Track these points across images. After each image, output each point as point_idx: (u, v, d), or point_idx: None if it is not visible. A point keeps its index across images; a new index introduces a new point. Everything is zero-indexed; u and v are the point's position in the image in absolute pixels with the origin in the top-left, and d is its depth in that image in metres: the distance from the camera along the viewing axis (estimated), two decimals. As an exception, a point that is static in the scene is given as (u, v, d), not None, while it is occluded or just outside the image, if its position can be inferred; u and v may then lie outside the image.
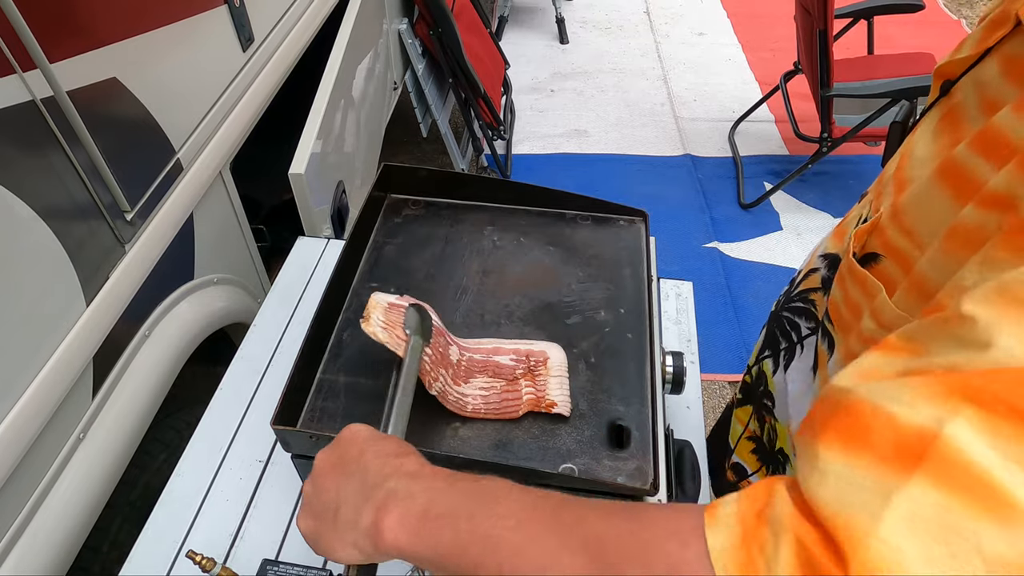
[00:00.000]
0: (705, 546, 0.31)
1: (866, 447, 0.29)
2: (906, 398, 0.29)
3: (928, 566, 0.26)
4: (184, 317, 1.19)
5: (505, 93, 3.12)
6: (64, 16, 0.89)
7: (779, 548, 0.29)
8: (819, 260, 0.66)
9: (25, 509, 0.87)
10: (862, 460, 0.29)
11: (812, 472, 0.31)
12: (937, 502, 0.26)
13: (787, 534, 0.29)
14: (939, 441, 0.27)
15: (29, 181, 0.83)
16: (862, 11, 2.65)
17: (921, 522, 0.26)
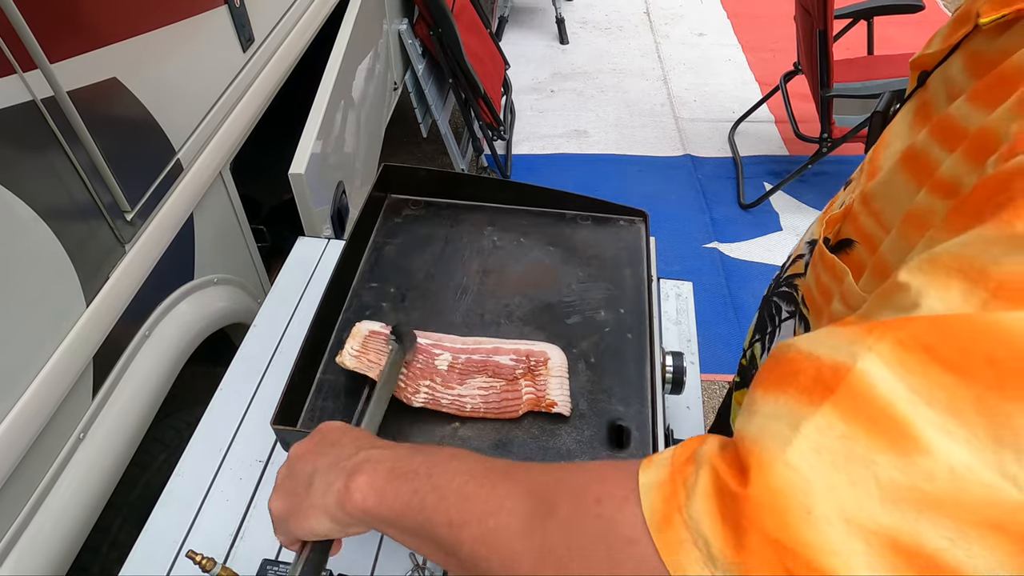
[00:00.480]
0: (635, 483, 0.33)
1: (791, 385, 0.31)
2: (831, 341, 0.30)
3: (827, 493, 0.27)
4: (184, 317, 1.19)
5: (505, 93, 3.12)
6: (64, 16, 0.89)
7: (698, 478, 0.31)
8: (805, 246, 0.67)
9: (25, 509, 0.87)
10: (784, 396, 0.30)
11: (744, 414, 0.32)
12: (843, 432, 0.27)
13: (706, 466, 0.31)
14: (851, 374, 0.28)
15: (29, 181, 0.83)
16: (862, 11, 2.66)
17: (826, 451, 0.27)
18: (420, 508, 0.42)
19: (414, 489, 0.43)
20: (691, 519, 0.30)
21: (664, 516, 0.31)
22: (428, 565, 0.76)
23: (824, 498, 0.27)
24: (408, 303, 0.87)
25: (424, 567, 0.75)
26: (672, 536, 0.30)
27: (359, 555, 0.77)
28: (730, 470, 0.30)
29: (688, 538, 0.29)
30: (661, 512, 0.31)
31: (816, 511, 0.27)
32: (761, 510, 0.28)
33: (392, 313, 0.85)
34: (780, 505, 0.27)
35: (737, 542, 0.28)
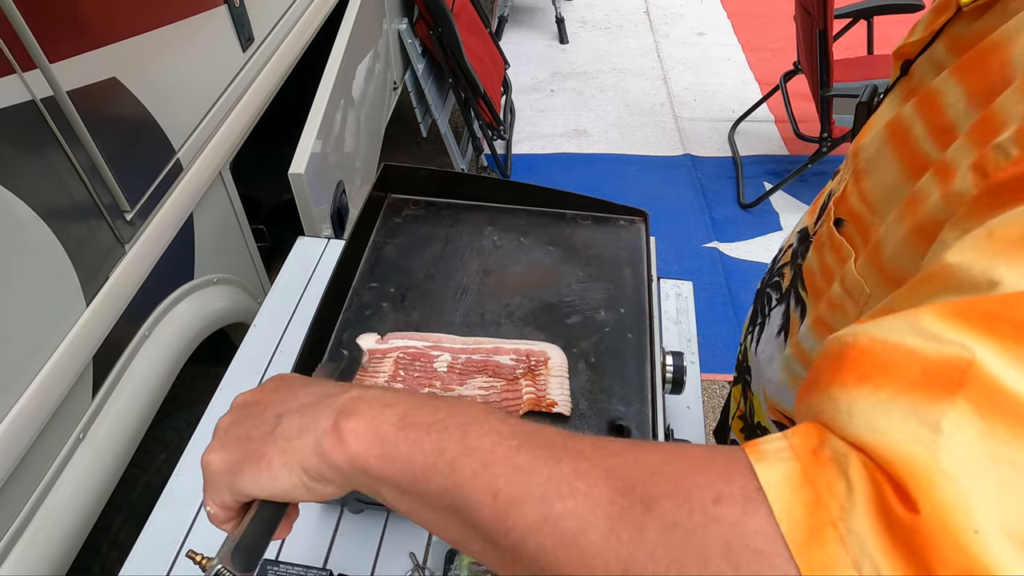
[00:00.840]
0: (754, 480, 0.26)
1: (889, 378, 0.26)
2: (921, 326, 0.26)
3: (984, 503, 0.23)
4: (184, 317, 1.19)
5: (505, 93, 3.12)
6: (64, 16, 0.89)
7: (852, 484, 0.25)
8: (795, 236, 0.67)
9: (25, 509, 0.87)
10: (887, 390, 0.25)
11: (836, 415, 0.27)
12: (983, 430, 0.23)
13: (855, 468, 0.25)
14: (973, 367, 0.24)
15: (29, 181, 0.83)
16: (862, 11, 2.66)
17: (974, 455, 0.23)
18: (449, 471, 0.32)
19: (440, 446, 0.33)
20: (852, 535, 0.24)
21: (812, 530, 0.25)
22: (429, 565, 0.76)
23: (986, 513, 0.22)
24: (408, 303, 0.87)
25: (424, 567, 0.75)
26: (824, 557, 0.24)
27: (359, 555, 0.77)
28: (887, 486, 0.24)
29: (846, 560, 0.24)
30: (806, 525, 0.25)
31: (982, 528, 0.22)
32: (935, 537, 0.23)
33: (392, 313, 0.85)
34: (951, 525, 0.23)
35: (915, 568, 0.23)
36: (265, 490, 0.38)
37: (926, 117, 0.44)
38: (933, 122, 0.43)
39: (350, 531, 0.79)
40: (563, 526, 0.29)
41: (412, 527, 0.79)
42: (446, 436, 0.34)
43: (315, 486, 0.37)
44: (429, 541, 0.78)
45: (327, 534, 0.79)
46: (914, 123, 0.45)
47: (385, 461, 0.34)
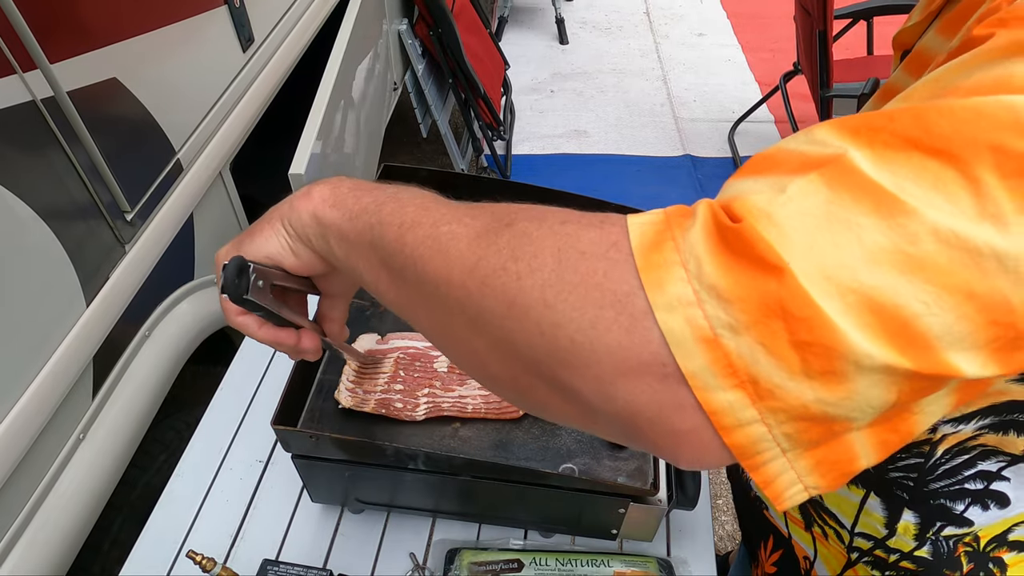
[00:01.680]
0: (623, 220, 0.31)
1: (774, 169, 0.29)
2: (818, 138, 0.29)
3: (809, 251, 0.26)
4: (184, 317, 1.19)
5: (505, 93, 3.12)
6: (64, 16, 0.89)
7: (697, 218, 0.29)
8: None
9: (25, 509, 0.87)
10: (768, 174, 0.29)
11: (725, 190, 0.31)
12: (827, 198, 0.27)
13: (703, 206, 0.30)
14: (840, 158, 0.27)
15: (29, 181, 0.83)
16: (862, 11, 2.66)
17: (810, 214, 0.27)
18: (375, 212, 0.40)
19: (374, 198, 0.42)
20: (686, 243, 0.28)
21: (654, 242, 0.29)
22: (429, 565, 0.76)
23: (804, 256, 0.26)
24: (408, 303, 0.87)
25: (424, 567, 0.75)
26: (657, 257, 0.28)
27: (359, 555, 0.77)
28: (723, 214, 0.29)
29: (676, 259, 0.28)
30: (651, 238, 0.29)
31: (793, 266, 0.26)
32: (760, 242, 0.27)
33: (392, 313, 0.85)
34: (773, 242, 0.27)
35: (733, 264, 0.27)
36: (260, 251, 0.47)
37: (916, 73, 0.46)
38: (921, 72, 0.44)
39: (350, 531, 0.79)
40: (442, 240, 0.36)
41: (412, 527, 0.79)
42: (381, 194, 0.42)
43: (295, 245, 0.46)
44: (429, 541, 0.78)
45: (327, 534, 0.79)
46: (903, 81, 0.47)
47: (334, 209, 0.43)
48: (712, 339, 0.27)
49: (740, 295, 0.26)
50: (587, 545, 0.77)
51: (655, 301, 0.28)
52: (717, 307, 0.27)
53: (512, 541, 0.77)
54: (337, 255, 0.44)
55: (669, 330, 0.27)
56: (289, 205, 0.46)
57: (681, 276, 0.27)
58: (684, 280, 0.27)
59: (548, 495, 0.68)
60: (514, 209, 0.36)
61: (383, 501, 0.78)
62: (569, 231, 0.32)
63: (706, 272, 0.27)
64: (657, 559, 0.74)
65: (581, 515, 0.72)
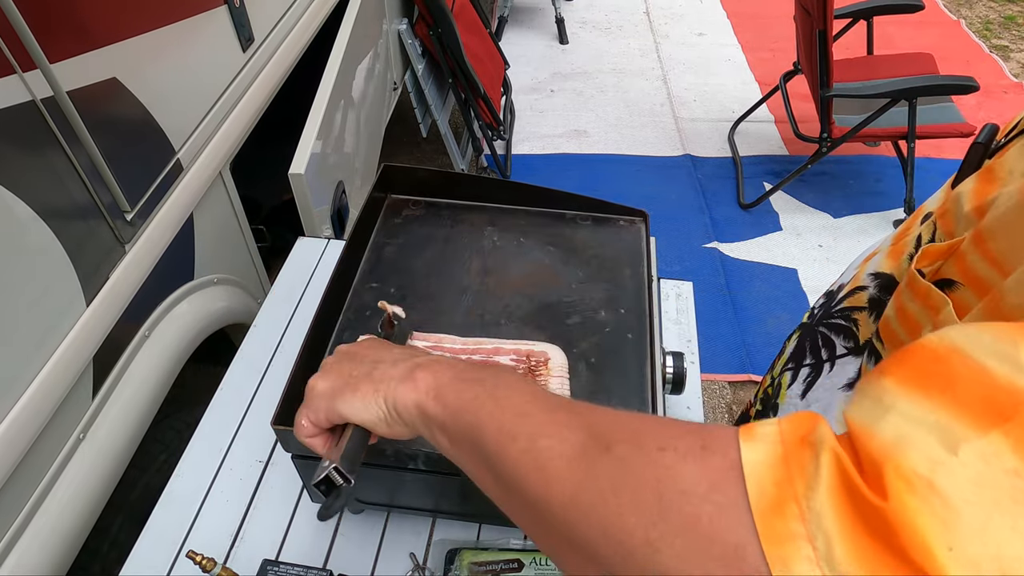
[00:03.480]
0: (737, 456, 0.28)
1: (945, 391, 0.25)
2: (1007, 350, 0.25)
3: (981, 534, 0.22)
4: (184, 317, 1.19)
5: (505, 93, 3.12)
6: (64, 16, 0.89)
7: (820, 468, 0.26)
8: (868, 278, 0.60)
9: (25, 509, 0.87)
10: (933, 402, 0.26)
11: (872, 404, 0.28)
12: (1015, 468, 0.23)
13: (828, 453, 0.26)
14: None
15: (29, 181, 0.83)
16: (862, 11, 2.66)
17: (990, 486, 0.23)
18: (475, 412, 0.42)
19: (475, 395, 0.43)
20: (811, 511, 0.25)
21: (776, 502, 0.26)
22: (429, 565, 0.76)
23: (976, 539, 0.22)
24: (408, 303, 0.87)
25: (424, 567, 0.75)
26: (782, 528, 0.25)
27: (359, 555, 0.77)
28: (857, 468, 0.26)
29: (803, 533, 0.25)
30: (773, 497, 0.26)
31: (959, 550, 0.22)
32: (908, 528, 0.23)
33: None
34: (921, 528, 0.23)
35: (871, 552, 0.24)
36: (356, 414, 0.49)
37: None
38: None
39: (350, 531, 0.79)
40: (540, 456, 0.36)
41: (412, 527, 0.79)
42: (480, 388, 0.43)
43: (391, 420, 0.48)
44: (429, 541, 0.78)
45: (327, 534, 0.79)
46: None
47: (437, 403, 0.44)
48: None
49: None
50: (587, 545, 0.77)
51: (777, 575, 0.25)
52: None
53: (512, 541, 0.77)
54: (441, 444, 0.45)
55: None
56: (395, 385, 0.47)
57: (808, 555, 0.25)
58: (812, 561, 0.24)
59: (548, 495, 0.68)
60: (611, 426, 0.35)
61: (383, 501, 0.78)
62: (668, 462, 0.30)
63: (837, 558, 0.24)
64: (657, 559, 0.74)
65: (581, 515, 0.72)
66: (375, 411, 0.48)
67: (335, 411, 0.49)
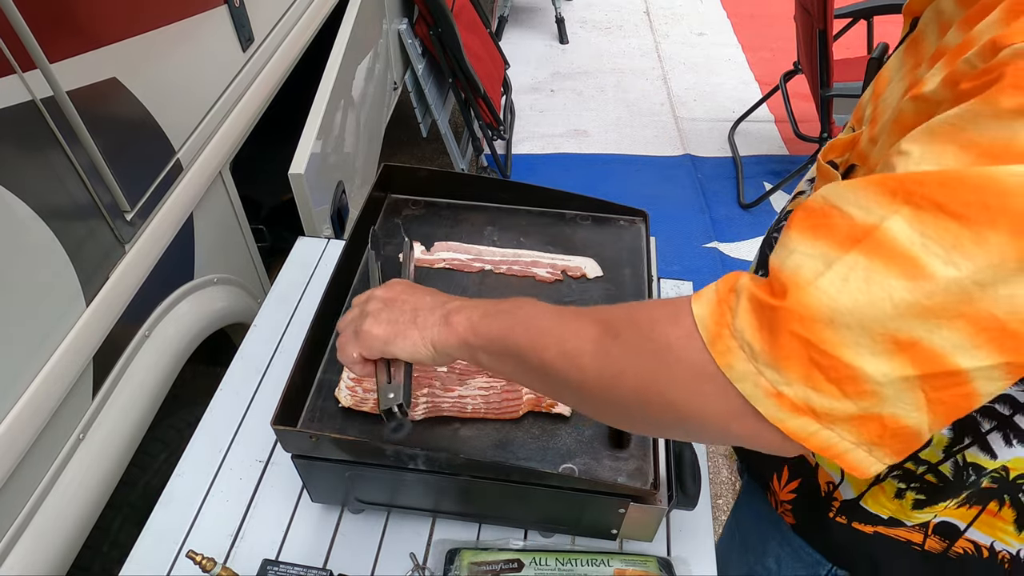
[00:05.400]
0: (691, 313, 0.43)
1: (825, 234, 0.39)
2: (861, 201, 0.38)
3: (851, 308, 0.36)
4: (184, 317, 1.19)
5: (505, 93, 3.12)
6: (64, 16, 0.89)
7: (739, 301, 0.41)
8: (805, 183, 0.72)
9: (25, 509, 0.87)
10: (818, 240, 0.39)
11: (781, 250, 0.41)
12: (866, 267, 0.36)
13: (745, 292, 0.41)
14: (877, 230, 0.37)
15: (29, 181, 0.83)
16: (862, 11, 2.65)
17: (852, 280, 0.37)
18: (509, 335, 0.54)
19: (503, 324, 0.55)
20: (736, 330, 0.40)
21: (716, 333, 0.41)
22: (429, 565, 0.76)
23: (846, 311, 0.36)
24: (408, 303, 0.87)
25: (424, 567, 0.75)
26: (722, 346, 0.41)
27: (359, 555, 0.77)
28: (766, 291, 0.40)
29: (735, 345, 0.40)
30: (713, 331, 0.41)
31: (837, 320, 0.37)
32: (791, 316, 0.38)
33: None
34: (809, 314, 0.37)
35: (772, 341, 0.39)
36: (408, 354, 0.61)
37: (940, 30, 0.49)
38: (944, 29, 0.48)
39: (350, 531, 0.79)
40: (570, 355, 0.49)
41: (412, 527, 0.79)
42: (507, 317, 0.56)
43: (439, 356, 0.60)
44: (429, 541, 0.78)
45: (327, 534, 0.79)
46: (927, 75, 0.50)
47: (477, 336, 0.56)
48: (776, 393, 0.39)
49: (786, 363, 0.38)
50: (587, 545, 0.77)
51: (731, 376, 0.40)
52: (774, 374, 0.39)
53: (512, 541, 0.77)
54: (483, 363, 0.57)
55: (747, 393, 0.40)
56: (437, 330, 0.59)
57: (742, 357, 0.40)
58: (745, 360, 0.40)
59: (548, 495, 0.68)
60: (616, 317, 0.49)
61: (383, 501, 0.78)
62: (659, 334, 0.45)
63: (757, 352, 0.39)
64: (657, 558, 0.74)
65: (581, 515, 0.72)
66: (424, 352, 0.59)
67: (389, 352, 0.61)
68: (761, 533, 0.84)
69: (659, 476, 0.69)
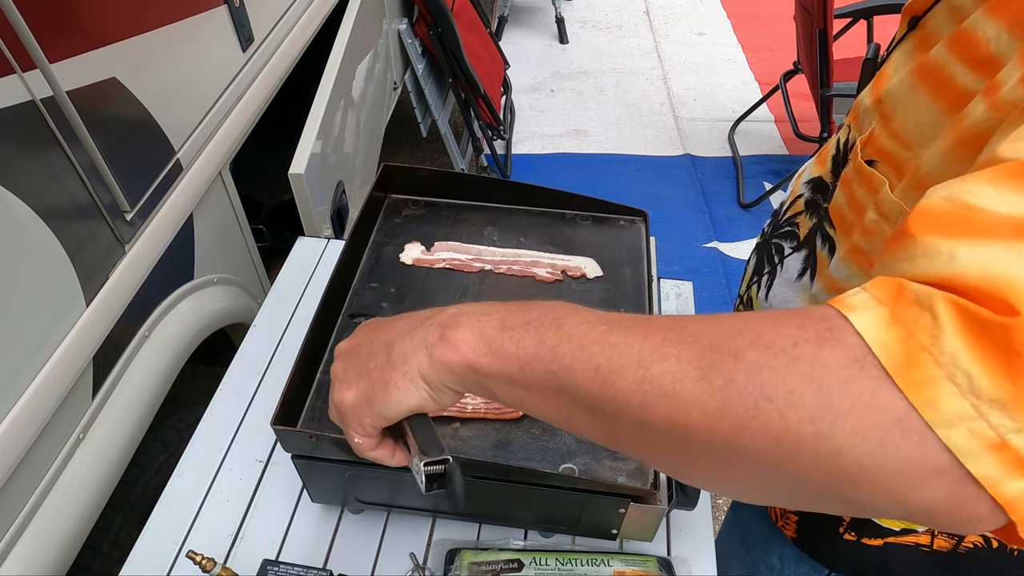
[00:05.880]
0: (848, 323, 0.30)
1: (984, 231, 0.29)
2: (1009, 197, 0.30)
3: None
4: (184, 317, 1.19)
5: (505, 93, 3.12)
6: (64, 16, 0.89)
7: (937, 315, 0.28)
8: (803, 186, 0.69)
9: (25, 509, 0.87)
10: (984, 239, 0.29)
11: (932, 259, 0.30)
12: None
13: (943, 302, 0.29)
14: None
15: (29, 181, 0.83)
16: (862, 11, 2.65)
17: None
18: (552, 357, 0.37)
19: (540, 339, 0.38)
20: (944, 355, 0.28)
21: (907, 358, 0.29)
22: (429, 565, 0.76)
23: None
24: (408, 303, 0.87)
25: (424, 567, 0.75)
26: (919, 376, 0.28)
27: (359, 555, 0.77)
28: (979, 303, 0.28)
29: (940, 375, 0.28)
30: (902, 353, 0.29)
31: None
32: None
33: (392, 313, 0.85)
34: None
35: (1008, 368, 0.27)
36: (400, 408, 0.44)
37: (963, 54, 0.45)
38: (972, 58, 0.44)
39: (350, 531, 0.79)
40: (660, 382, 0.34)
41: (412, 527, 0.79)
42: (543, 330, 0.39)
43: (438, 395, 0.43)
44: (429, 541, 0.78)
45: (327, 534, 0.79)
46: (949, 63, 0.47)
47: (493, 359, 0.40)
48: (1001, 444, 0.27)
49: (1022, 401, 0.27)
50: (587, 545, 0.77)
51: (932, 420, 0.28)
52: (1001, 416, 0.27)
53: (512, 541, 0.77)
54: (502, 398, 0.41)
55: (955, 445, 0.28)
56: (427, 356, 0.42)
57: (952, 392, 0.28)
58: (957, 396, 0.28)
59: (548, 495, 0.68)
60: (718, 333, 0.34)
61: (383, 501, 0.78)
62: (810, 355, 0.31)
63: (981, 387, 0.27)
64: (657, 558, 0.74)
65: (581, 515, 0.72)
66: (416, 395, 0.43)
67: (379, 416, 0.46)
68: (763, 532, 0.84)
69: (659, 476, 0.69)
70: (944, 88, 0.47)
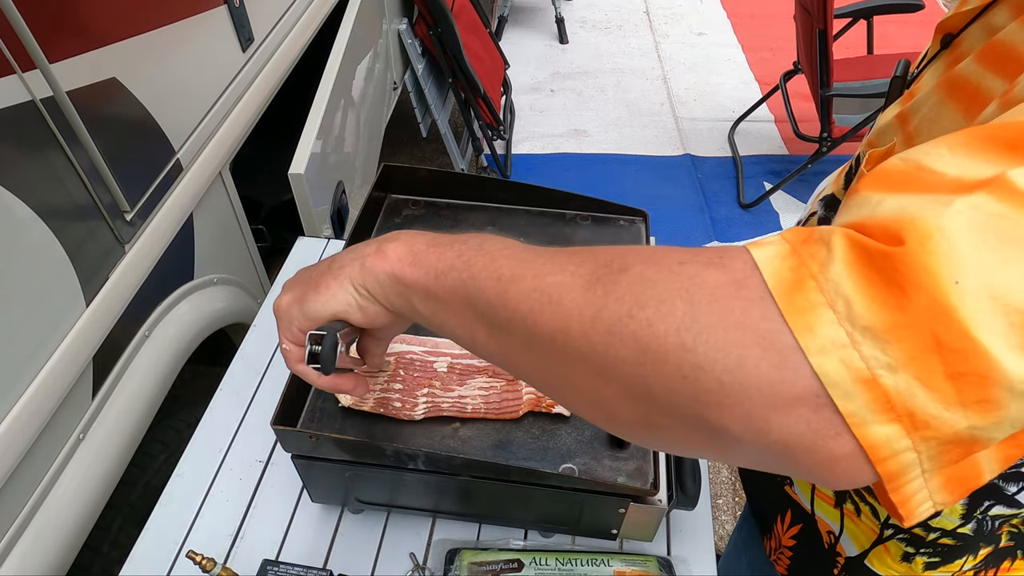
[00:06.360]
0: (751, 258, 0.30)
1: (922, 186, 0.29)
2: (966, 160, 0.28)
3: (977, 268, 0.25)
4: (184, 317, 1.19)
5: (505, 93, 3.12)
6: (64, 16, 0.89)
7: (833, 248, 0.28)
8: (818, 204, 0.69)
9: (25, 509, 0.87)
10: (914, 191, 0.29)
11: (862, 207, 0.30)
12: (997, 211, 0.26)
13: (839, 236, 0.29)
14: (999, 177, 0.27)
15: (29, 181, 0.83)
16: (862, 11, 2.65)
17: (979, 228, 0.26)
18: (465, 267, 0.39)
19: (459, 252, 0.41)
20: (828, 281, 0.27)
21: (793, 282, 0.28)
22: (429, 565, 0.76)
23: (973, 273, 0.25)
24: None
25: (424, 567, 0.75)
26: (802, 300, 0.28)
27: (359, 555, 0.77)
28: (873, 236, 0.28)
29: (822, 301, 0.27)
30: (789, 279, 0.28)
31: (963, 283, 0.25)
32: (918, 268, 0.26)
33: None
34: (933, 267, 0.26)
35: (888, 297, 0.26)
36: (326, 308, 0.46)
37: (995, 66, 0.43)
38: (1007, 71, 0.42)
39: (350, 531, 0.79)
40: (550, 291, 0.35)
41: (412, 527, 0.79)
42: (464, 247, 0.41)
43: (364, 302, 0.46)
44: (429, 541, 0.78)
45: (327, 534, 0.79)
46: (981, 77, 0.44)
47: (416, 268, 0.42)
48: (870, 379, 0.26)
49: (897, 333, 0.26)
50: (587, 545, 0.77)
51: (806, 345, 0.27)
52: (874, 347, 0.26)
53: (512, 541, 0.77)
54: (421, 312, 0.43)
55: (824, 373, 0.27)
56: (360, 265, 0.45)
57: (831, 319, 0.27)
58: (834, 323, 0.27)
59: (548, 495, 0.68)
60: (622, 253, 0.35)
61: (383, 501, 0.78)
62: (691, 272, 0.31)
63: (858, 314, 0.27)
64: (657, 558, 0.74)
65: (581, 515, 0.72)
66: (343, 298, 0.45)
67: (306, 314, 0.47)
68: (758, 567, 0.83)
69: (659, 476, 0.69)
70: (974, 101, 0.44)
